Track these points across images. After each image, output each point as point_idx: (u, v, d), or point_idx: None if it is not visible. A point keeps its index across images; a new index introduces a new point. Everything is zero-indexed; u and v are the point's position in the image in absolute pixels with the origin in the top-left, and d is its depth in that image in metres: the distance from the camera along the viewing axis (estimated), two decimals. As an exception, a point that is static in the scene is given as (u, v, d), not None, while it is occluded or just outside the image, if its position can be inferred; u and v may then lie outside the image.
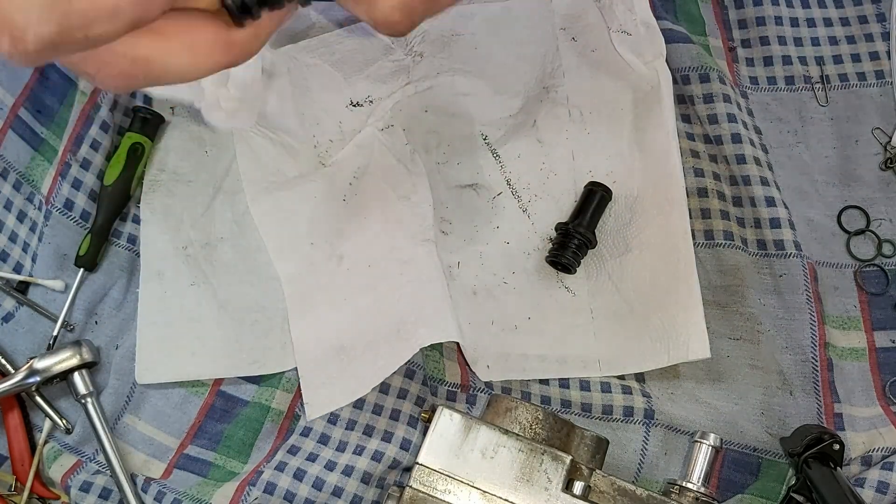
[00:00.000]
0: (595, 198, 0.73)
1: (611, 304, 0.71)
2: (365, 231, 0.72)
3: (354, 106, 0.76)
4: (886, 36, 0.78)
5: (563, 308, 0.72)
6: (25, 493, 0.67)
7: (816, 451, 0.62)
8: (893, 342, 0.71)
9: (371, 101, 0.76)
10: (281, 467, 0.66)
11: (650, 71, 0.74)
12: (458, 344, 0.70)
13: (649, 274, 0.71)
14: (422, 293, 0.68)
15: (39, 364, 0.68)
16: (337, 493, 0.64)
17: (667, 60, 0.75)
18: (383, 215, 0.72)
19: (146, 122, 0.75)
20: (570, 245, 0.71)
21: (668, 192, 0.72)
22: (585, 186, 0.73)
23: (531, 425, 0.59)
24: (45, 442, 0.69)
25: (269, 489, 0.64)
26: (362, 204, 0.73)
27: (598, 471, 0.58)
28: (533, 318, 0.72)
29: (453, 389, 0.71)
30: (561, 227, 0.72)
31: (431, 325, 0.66)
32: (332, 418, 0.69)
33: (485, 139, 0.76)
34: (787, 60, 0.78)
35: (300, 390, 0.69)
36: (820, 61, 0.78)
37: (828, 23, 0.79)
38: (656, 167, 0.73)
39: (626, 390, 0.69)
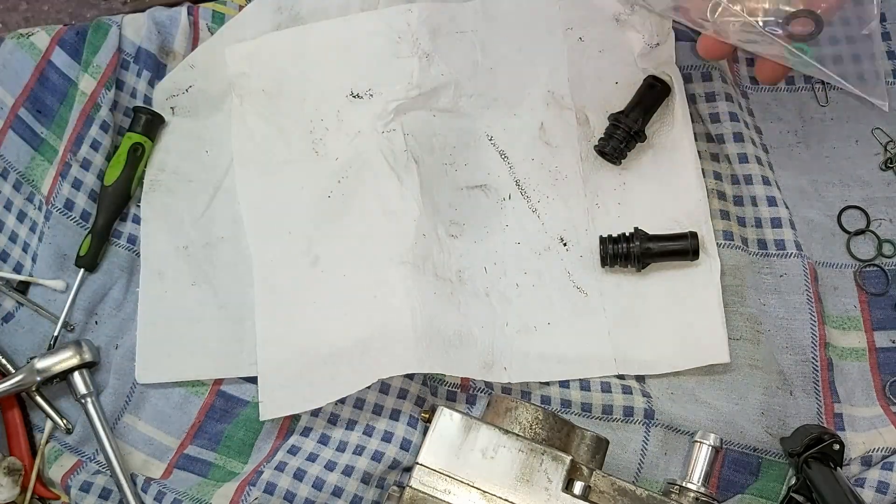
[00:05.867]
0: (653, 92, 0.73)
1: (626, 305, 0.71)
2: (344, 238, 0.72)
3: (354, 97, 0.76)
4: (886, 36, 0.78)
5: (576, 308, 0.72)
6: (28, 493, 0.67)
7: (816, 451, 0.62)
8: (893, 342, 0.71)
9: (371, 95, 0.76)
10: (281, 467, 0.66)
11: (661, 76, 0.74)
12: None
13: (667, 277, 0.71)
14: (389, 322, 0.68)
15: (39, 364, 0.68)
16: (337, 493, 0.64)
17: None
18: (366, 228, 0.72)
19: (146, 122, 0.75)
20: (617, 135, 0.72)
21: (686, 196, 0.72)
22: (645, 80, 0.74)
23: (531, 425, 0.59)
24: (47, 442, 0.69)
25: (269, 489, 0.64)
26: (346, 209, 0.73)
27: (598, 471, 0.58)
28: (546, 318, 0.71)
29: (453, 389, 0.71)
30: (612, 117, 0.73)
31: (393, 357, 0.66)
32: (333, 418, 0.69)
33: (490, 140, 0.76)
34: (787, 60, 0.78)
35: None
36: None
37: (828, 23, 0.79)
38: (671, 171, 0.73)
39: (626, 390, 0.69)
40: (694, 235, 0.69)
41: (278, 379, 0.68)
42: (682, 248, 0.70)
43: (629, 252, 0.70)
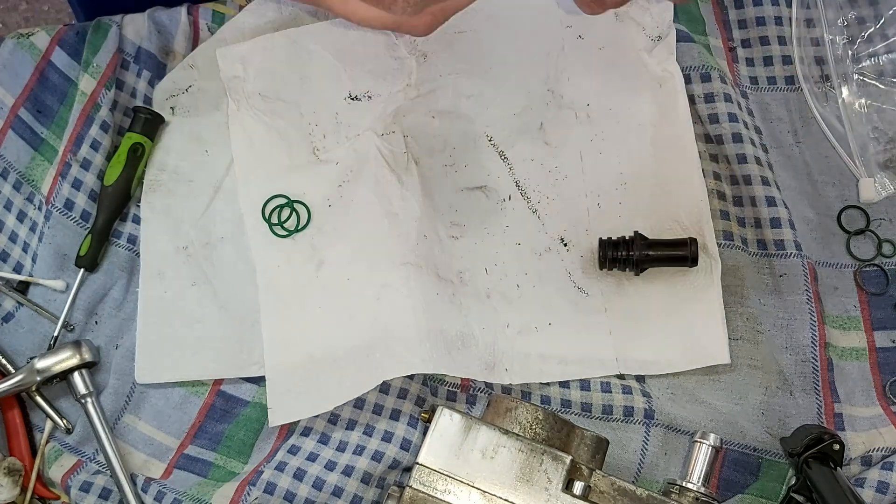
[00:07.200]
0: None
1: (626, 305, 0.71)
2: (347, 242, 0.72)
3: (353, 99, 0.76)
4: (885, 37, 0.78)
5: (577, 308, 0.71)
6: (28, 493, 0.67)
7: (816, 451, 0.62)
8: (893, 342, 0.71)
9: (370, 97, 0.76)
10: (281, 467, 0.66)
11: (662, 72, 0.74)
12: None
13: (668, 277, 0.71)
14: (393, 323, 0.68)
15: (39, 364, 0.68)
16: (337, 493, 0.64)
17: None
18: (368, 230, 0.72)
19: (146, 122, 0.75)
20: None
21: (687, 196, 0.72)
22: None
23: (531, 425, 0.59)
24: (47, 442, 0.69)
25: (269, 489, 0.64)
26: (349, 212, 0.73)
27: (598, 471, 0.58)
28: (548, 318, 0.71)
29: (453, 389, 0.71)
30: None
31: (397, 358, 0.66)
32: (333, 418, 0.69)
33: (490, 140, 0.76)
34: (787, 60, 0.78)
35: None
36: (820, 61, 0.78)
37: (829, 23, 0.79)
38: (672, 171, 0.73)
39: (626, 390, 0.69)
40: (694, 242, 0.69)
41: (286, 384, 0.68)
42: (682, 255, 0.70)
43: (628, 258, 0.70)
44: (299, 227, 0.73)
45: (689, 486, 0.59)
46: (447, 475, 0.56)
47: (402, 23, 0.60)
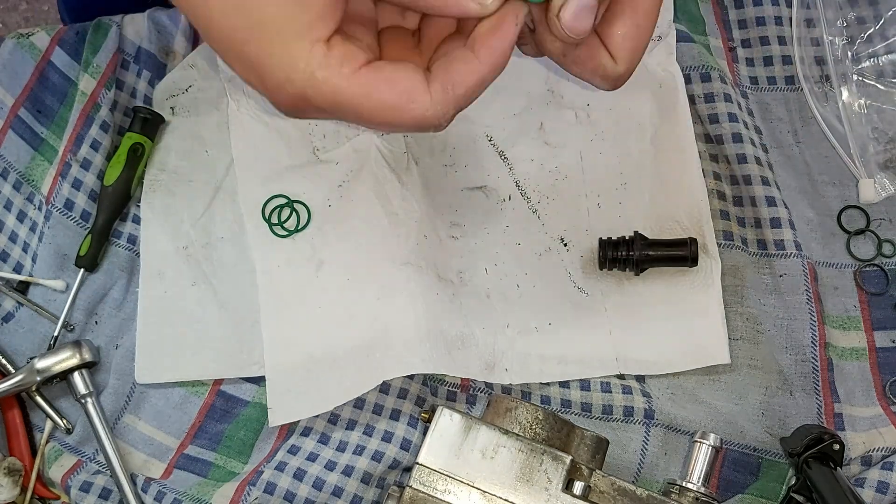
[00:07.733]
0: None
1: (626, 305, 0.71)
2: (347, 241, 0.72)
3: None
4: (885, 38, 0.78)
5: (577, 308, 0.72)
6: (28, 493, 0.67)
7: (816, 451, 0.62)
8: (893, 342, 0.71)
9: None
10: (281, 467, 0.66)
11: (663, 72, 0.74)
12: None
13: (669, 277, 0.71)
14: (393, 323, 0.68)
15: (39, 364, 0.68)
16: (337, 493, 0.64)
17: (671, 60, 0.75)
18: (368, 230, 0.72)
19: (146, 122, 0.75)
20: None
21: (687, 196, 0.72)
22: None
23: (531, 425, 0.59)
24: (47, 442, 0.69)
25: (269, 489, 0.64)
26: (348, 213, 0.73)
27: (598, 471, 0.58)
28: (548, 318, 0.71)
29: (453, 389, 0.71)
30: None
31: (397, 358, 0.66)
32: (333, 418, 0.69)
33: (490, 140, 0.76)
34: (787, 60, 0.78)
35: (300, 390, 0.69)
36: (820, 61, 0.78)
37: (828, 23, 0.79)
38: (672, 171, 0.73)
39: (626, 390, 0.69)
40: (694, 242, 0.69)
41: (286, 384, 0.68)
42: (682, 255, 0.70)
43: (628, 258, 0.70)
44: (299, 227, 0.73)
45: (689, 486, 0.59)
46: (447, 475, 0.56)
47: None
